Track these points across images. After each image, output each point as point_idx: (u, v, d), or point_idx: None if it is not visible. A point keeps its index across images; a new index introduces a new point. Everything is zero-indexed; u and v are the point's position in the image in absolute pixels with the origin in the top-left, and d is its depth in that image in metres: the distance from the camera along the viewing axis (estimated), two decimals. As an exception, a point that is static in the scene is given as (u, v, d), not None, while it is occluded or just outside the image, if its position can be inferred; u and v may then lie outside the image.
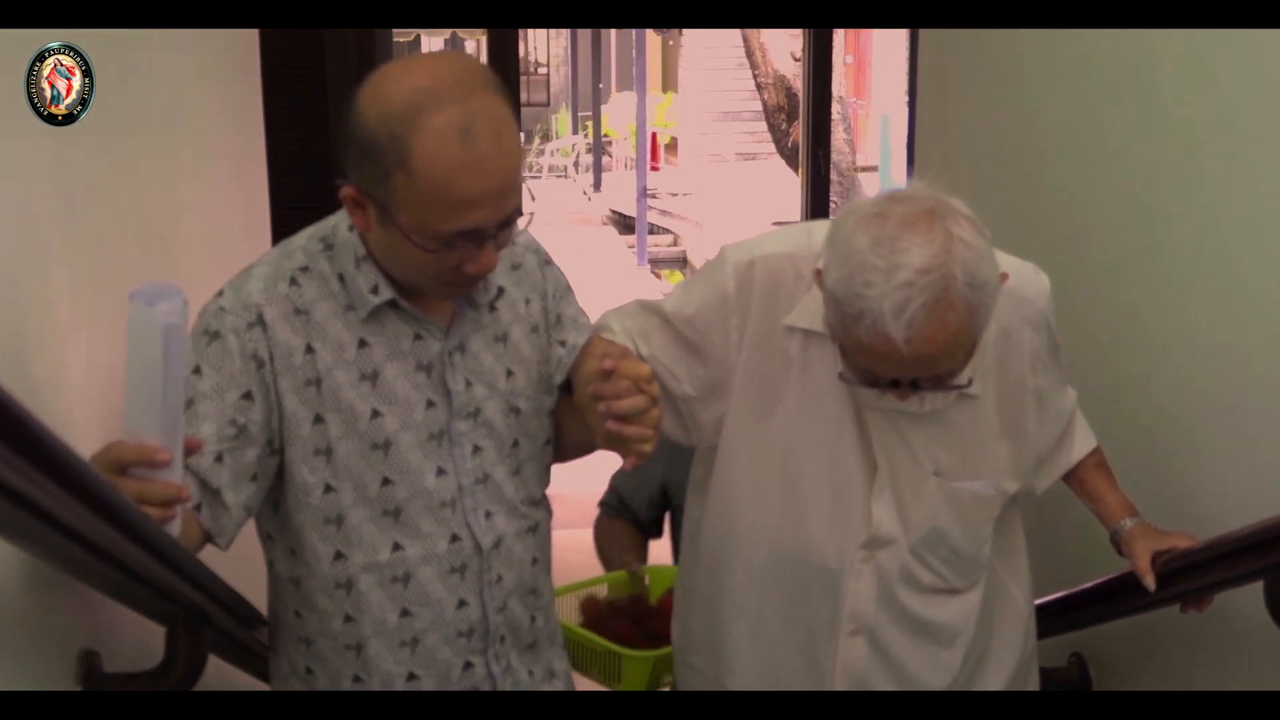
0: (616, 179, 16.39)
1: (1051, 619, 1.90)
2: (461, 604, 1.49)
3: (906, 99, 7.49)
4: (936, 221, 1.36)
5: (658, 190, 14.88)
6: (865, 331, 1.36)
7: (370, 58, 4.36)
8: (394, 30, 4.91)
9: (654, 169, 15.44)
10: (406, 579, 1.46)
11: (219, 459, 1.36)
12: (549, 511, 1.61)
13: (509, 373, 1.51)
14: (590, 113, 17.45)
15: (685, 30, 15.51)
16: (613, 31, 17.77)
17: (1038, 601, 1.83)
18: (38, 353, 1.29)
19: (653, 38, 14.41)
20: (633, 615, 2.22)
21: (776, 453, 1.61)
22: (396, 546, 1.45)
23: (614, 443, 1.36)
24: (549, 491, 1.61)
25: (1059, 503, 1.83)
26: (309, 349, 1.41)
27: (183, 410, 1.18)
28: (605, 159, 17.13)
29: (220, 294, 1.42)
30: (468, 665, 1.52)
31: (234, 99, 2.72)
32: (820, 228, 1.55)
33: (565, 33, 19.99)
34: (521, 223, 1.40)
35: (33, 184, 1.32)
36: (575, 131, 19.06)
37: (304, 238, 1.47)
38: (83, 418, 1.38)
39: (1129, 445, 1.87)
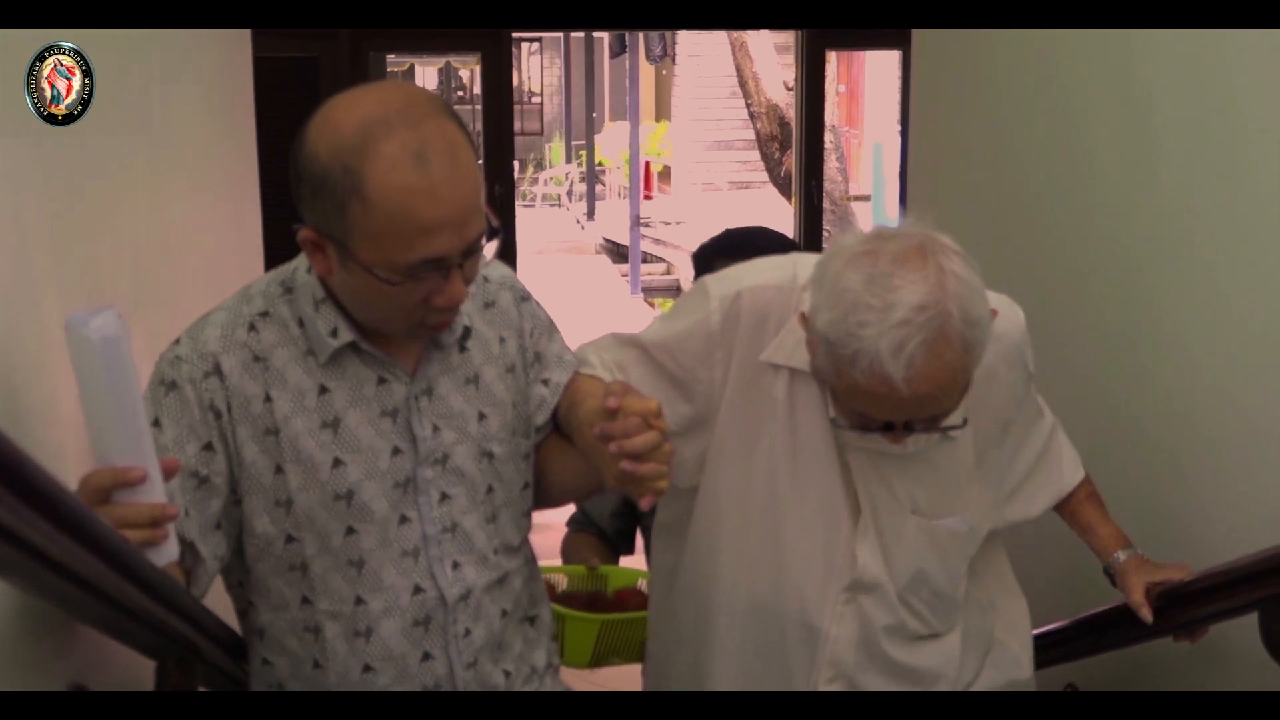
0: (610, 208, 16.43)
1: (1045, 650, 1.89)
2: (426, 657, 1.44)
3: (899, 128, 7.53)
4: (929, 257, 1.34)
5: (651, 219, 14.91)
6: (862, 373, 1.33)
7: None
8: (388, 57, 4.93)
9: (647, 198, 15.48)
10: (369, 633, 1.42)
11: (186, 513, 1.33)
12: (528, 559, 1.56)
13: (481, 415, 1.46)
14: (584, 142, 17.51)
15: (678, 59, 15.59)
16: (606, 60, 17.85)
17: (1034, 632, 1.81)
18: (29, 384, 1.28)
19: (646, 67, 14.48)
20: (587, 603, 2.20)
21: (759, 492, 1.58)
22: (359, 600, 1.41)
23: (628, 483, 1.30)
24: (540, 520, 1.57)
25: (1048, 532, 1.82)
26: (267, 397, 1.37)
27: (147, 426, 1.16)
28: (599, 188, 17.17)
29: (177, 342, 1.38)
30: None
31: (227, 124, 2.72)
32: (805, 261, 1.53)
33: (559, 61, 20.08)
34: (489, 250, 1.37)
35: (23, 206, 1.32)
36: (569, 160, 19.10)
37: (264, 282, 1.43)
38: (75, 450, 1.37)
39: (1118, 477, 1.87)
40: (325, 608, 1.40)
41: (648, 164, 16.04)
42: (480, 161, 1.39)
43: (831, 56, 7.42)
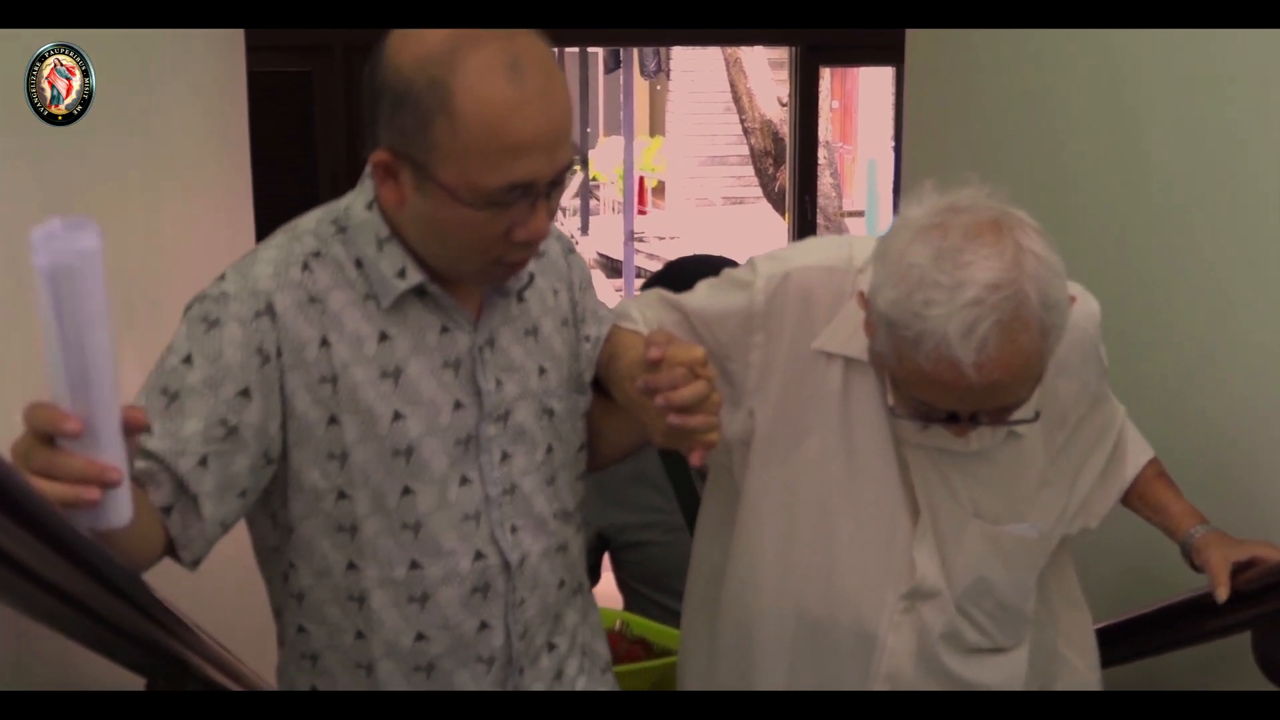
0: (604, 223, 16.42)
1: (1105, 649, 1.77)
2: (484, 626, 1.34)
3: (893, 143, 7.55)
4: (1005, 233, 1.22)
5: (645, 234, 14.91)
6: (926, 357, 1.21)
7: (358, 100, 4.38)
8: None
9: (641, 213, 15.48)
10: (424, 600, 1.31)
11: (203, 462, 1.20)
12: (580, 529, 1.46)
13: (541, 370, 1.37)
14: (578, 157, 17.52)
15: (672, 75, 15.62)
16: (600, 76, 17.89)
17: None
18: (25, 385, 1.26)
19: (640, 82, 14.51)
20: None
21: (808, 490, 1.46)
22: (414, 565, 1.30)
23: (677, 438, 1.22)
24: None
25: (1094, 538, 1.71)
26: (324, 342, 1.25)
27: (109, 370, 0.97)
28: (592, 202, 17.16)
29: (222, 278, 1.26)
30: None
31: (221, 137, 2.71)
32: (861, 242, 1.43)
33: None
34: (571, 188, 1.28)
35: (21, 207, 1.31)
36: (563, 175, 19.11)
37: (312, 220, 1.31)
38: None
39: (1182, 461, 1.74)
40: (374, 574, 1.30)
41: (642, 179, 16.04)
42: None
43: (825, 73, 7.44)
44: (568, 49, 16.16)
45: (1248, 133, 1.75)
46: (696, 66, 15.37)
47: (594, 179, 17.38)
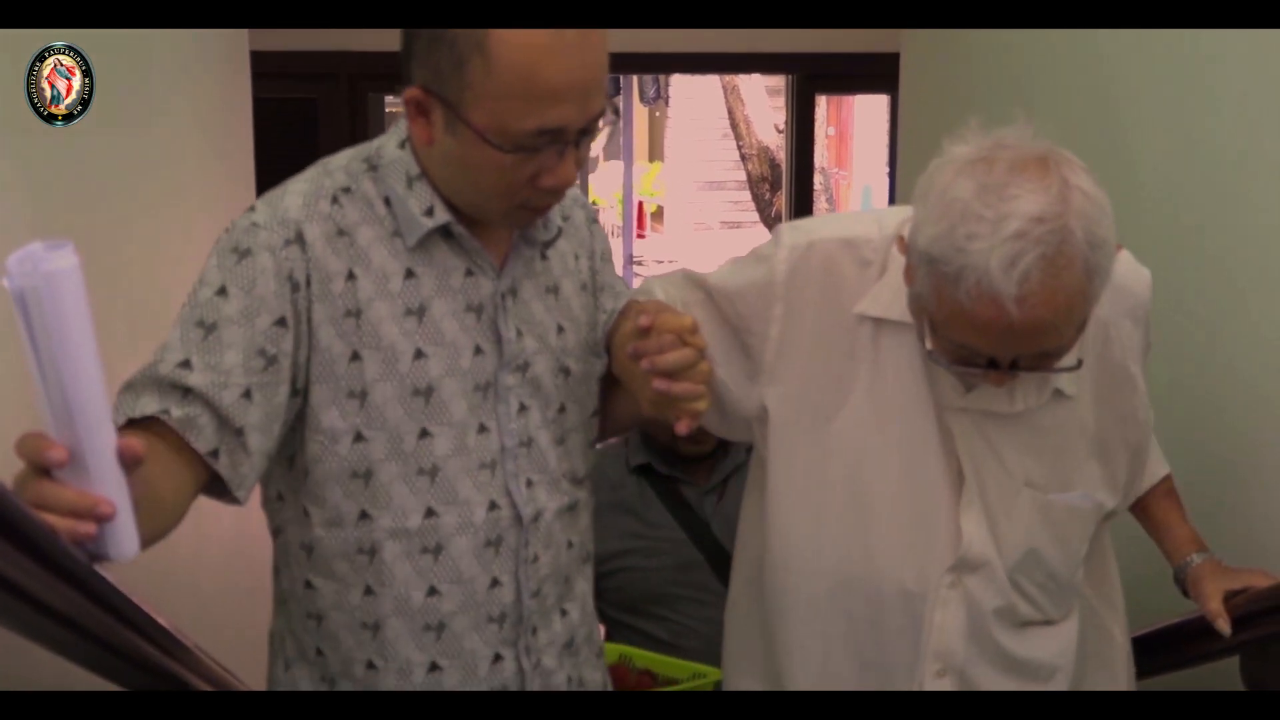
0: (603, 246, 16.45)
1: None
2: (495, 584, 1.31)
3: (888, 170, 7.57)
4: (1051, 168, 1.17)
5: (644, 258, 14.92)
6: (967, 294, 1.15)
7: (364, 127, 4.40)
8: (386, 98, 4.94)
9: (640, 237, 15.51)
10: (438, 550, 1.28)
11: (247, 394, 1.17)
12: (589, 493, 1.43)
13: (559, 328, 1.35)
14: (578, 181, 17.57)
15: (671, 101, 15.68)
16: (601, 103, 17.99)
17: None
18: (17, 423, 1.24)
19: (639, 109, 14.57)
20: None
21: (841, 463, 1.38)
22: (430, 513, 1.27)
23: (663, 405, 1.19)
24: None
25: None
26: (350, 275, 1.23)
27: (91, 398, 0.91)
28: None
29: (252, 209, 1.25)
30: (497, 658, 1.33)
31: (226, 165, 2.72)
32: (892, 213, 1.38)
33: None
34: (599, 139, 1.25)
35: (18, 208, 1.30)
36: (563, 199, 19.17)
37: (344, 157, 1.30)
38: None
39: (1190, 475, 1.71)
40: (386, 524, 1.27)
41: (641, 204, 16.07)
42: None
43: (821, 100, 7.46)
44: (568, 76, 16.19)
45: (1236, 150, 1.75)
46: (695, 93, 15.43)
47: (594, 203, 17.41)
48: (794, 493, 1.42)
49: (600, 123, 1.19)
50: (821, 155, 8.98)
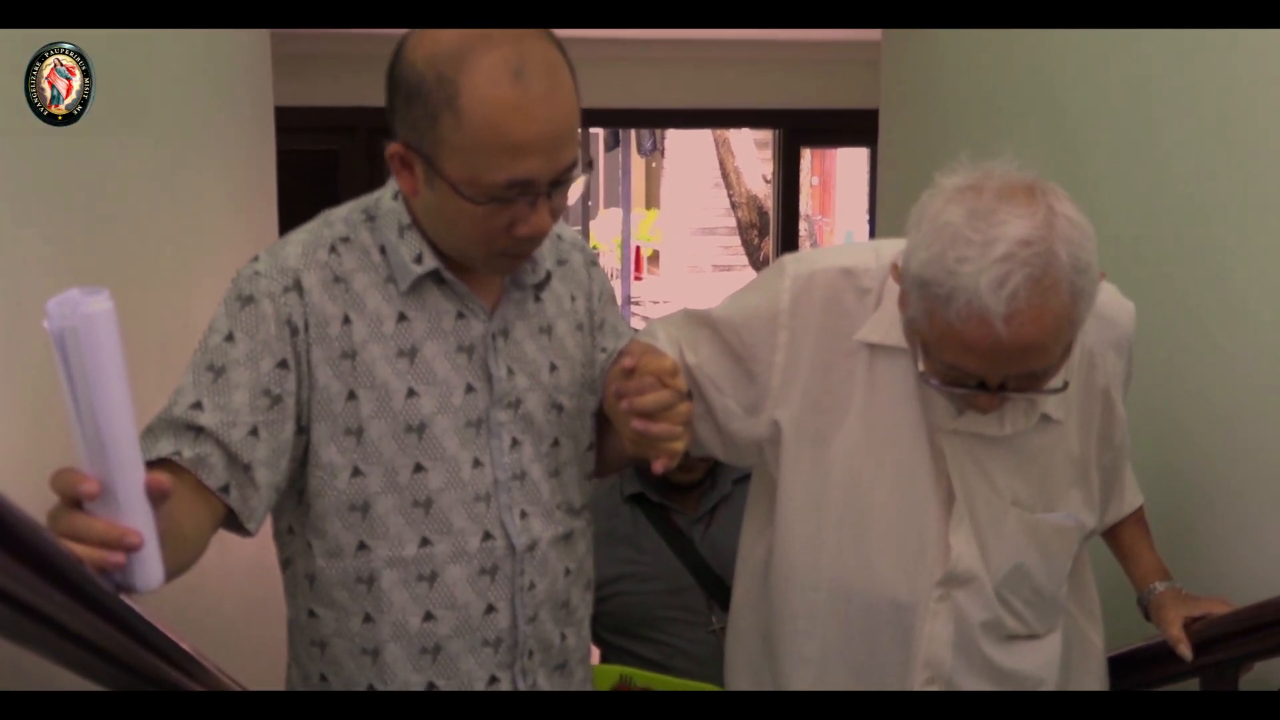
0: (602, 288, 16.46)
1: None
2: (490, 609, 1.30)
3: (868, 216, 7.63)
4: (1037, 196, 1.18)
5: (641, 298, 14.97)
6: (958, 314, 1.16)
7: (381, 177, 4.44)
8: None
9: (637, 279, 15.56)
10: (433, 578, 1.28)
11: (254, 432, 1.20)
12: (588, 523, 1.43)
13: (552, 366, 1.35)
14: (580, 226, 17.64)
15: (667, 153, 15.78)
16: (601, 154, 18.07)
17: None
18: (20, 393, 1.20)
19: (637, 160, 14.66)
20: None
21: (839, 482, 1.40)
22: (424, 542, 1.27)
23: (642, 444, 1.18)
24: None
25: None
26: (346, 319, 1.25)
27: (123, 434, 0.93)
28: (592, 270, 17.22)
29: (256, 259, 1.27)
30: (493, 679, 1.32)
31: (249, 216, 2.74)
32: (889, 244, 1.39)
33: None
34: (576, 188, 1.21)
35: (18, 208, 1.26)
36: (564, 244, 19.17)
37: (345, 209, 1.32)
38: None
39: (1152, 501, 1.69)
40: (384, 554, 1.27)
41: (638, 248, 16.14)
42: None
43: (806, 153, 7.55)
44: (569, 129, 16.29)
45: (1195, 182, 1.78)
46: (689, 146, 15.53)
47: (595, 248, 17.41)
48: (796, 512, 1.43)
49: (574, 173, 1.19)
50: (806, 203, 9.05)
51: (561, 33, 1.21)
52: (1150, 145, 1.89)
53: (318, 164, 4.44)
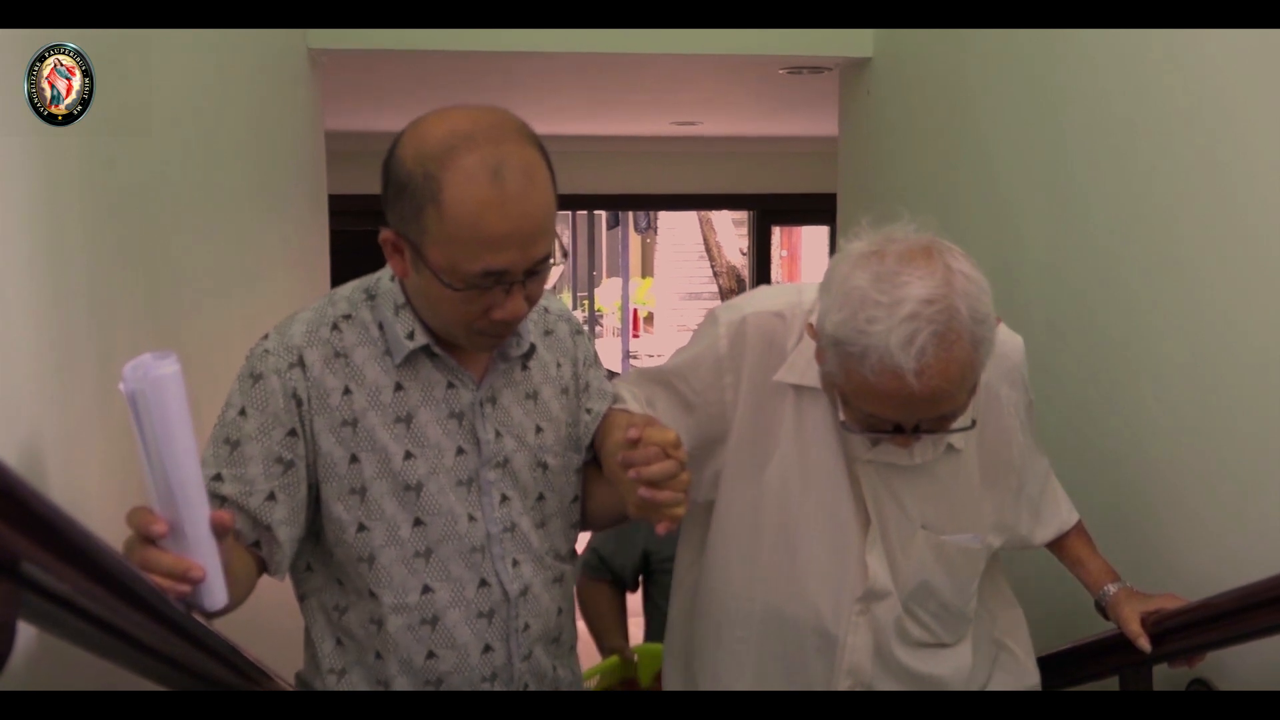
0: (606, 344, 16.47)
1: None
2: (487, 649, 1.26)
3: (829, 283, 7.60)
4: (935, 256, 1.14)
5: (638, 353, 14.99)
6: (872, 370, 1.11)
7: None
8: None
9: (635, 337, 15.58)
10: (435, 621, 1.23)
11: (271, 496, 1.17)
12: (574, 565, 1.39)
13: (538, 429, 1.29)
14: (586, 293, 17.68)
15: (659, 231, 15.86)
16: (603, 231, 18.19)
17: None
18: (20, 398, 1.04)
19: (634, 236, 14.76)
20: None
21: (771, 507, 1.35)
22: (426, 589, 1.23)
23: (647, 509, 1.13)
24: None
25: (1043, 563, 1.60)
26: (346, 390, 1.20)
27: (196, 478, 0.94)
28: (598, 329, 17.23)
29: (266, 337, 1.23)
30: None
31: (307, 286, 2.72)
32: (810, 287, 1.33)
33: (567, 231, 20.38)
34: (554, 274, 1.18)
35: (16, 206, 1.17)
36: (575, 308, 19.24)
37: (349, 288, 1.27)
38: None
39: (1101, 510, 1.65)
40: (390, 601, 1.22)
41: (635, 310, 16.18)
42: None
43: (776, 230, 7.56)
44: (579, 211, 16.48)
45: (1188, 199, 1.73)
46: (677, 225, 15.64)
47: (598, 311, 17.49)
48: (733, 534, 1.38)
49: (548, 264, 1.15)
50: (777, 272, 9.07)
51: (570, 131, 1.17)
52: (1069, 189, 1.85)
53: (365, 243, 4.41)
